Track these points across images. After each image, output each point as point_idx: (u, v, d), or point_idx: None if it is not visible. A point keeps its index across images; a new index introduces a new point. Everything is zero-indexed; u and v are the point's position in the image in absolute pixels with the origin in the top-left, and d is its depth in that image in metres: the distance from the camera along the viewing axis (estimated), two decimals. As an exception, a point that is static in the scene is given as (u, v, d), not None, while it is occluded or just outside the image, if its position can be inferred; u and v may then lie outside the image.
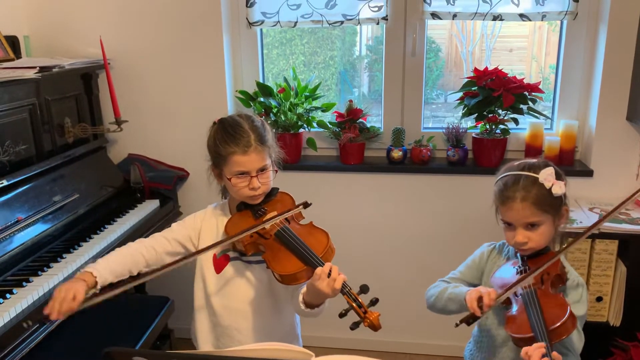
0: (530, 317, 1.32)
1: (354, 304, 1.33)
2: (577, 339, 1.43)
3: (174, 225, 1.67)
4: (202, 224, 1.65)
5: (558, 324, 1.28)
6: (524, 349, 1.25)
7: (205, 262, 1.63)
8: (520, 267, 1.49)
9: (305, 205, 1.53)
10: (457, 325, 1.38)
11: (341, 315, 1.33)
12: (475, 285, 1.64)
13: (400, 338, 2.81)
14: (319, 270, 1.36)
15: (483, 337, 1.62)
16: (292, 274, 1.41)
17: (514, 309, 1.41)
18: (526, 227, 1.47)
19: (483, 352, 1.63)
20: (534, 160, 1.53)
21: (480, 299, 1.38)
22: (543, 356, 1.21)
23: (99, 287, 1.44)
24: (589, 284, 2.24)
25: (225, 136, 1.52)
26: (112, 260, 1.51)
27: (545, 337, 1.25)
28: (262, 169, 1.53)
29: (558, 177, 1.47)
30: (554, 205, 1.47)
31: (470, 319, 1.38)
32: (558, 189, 1.45)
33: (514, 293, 1.42)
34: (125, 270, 1.52)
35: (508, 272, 1.51)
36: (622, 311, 2.23)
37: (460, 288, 1.54)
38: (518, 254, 1.54)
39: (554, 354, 1.22)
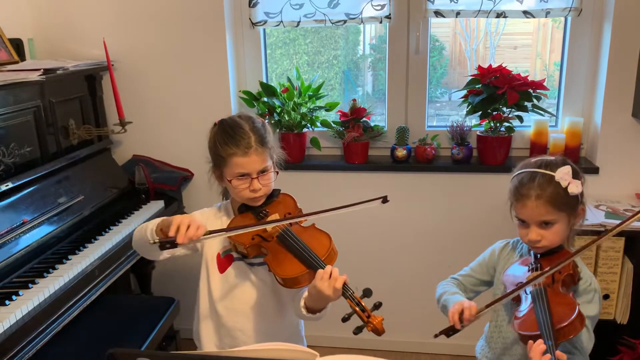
0: (537, 316, 1.32)
1: (357, 308, 1.32)
2: (586, 339, 1.41)
3: None
4: (207, 222, 1.65)
5: (565, 323, 1.27)
6: (528, 346, 1.25)
7: (210, 262, 1.63)
8: (532, 265, 1.48)
9: (384, 200, 1.47)
10: (435, 336, 1.42)
11: (344, 320, 1.32)
12: (487, 282, 1.66)
13: (407, 337, 2.81)
14: (320, 272, 1.36)
15: (494, 334, 1.62)
16: (294, 277, 1.40)
17: (523, 306, 1.40)
18: (540, 225, 1.45)
19: (494, 348, 1.62)
20: (552, 157, 1.51)
21: (462, 313, 1.42)
22: (544, 353, 1.21)
23: None
24: (596, 281, 2.23)
25: (226, 137, 1.51)
26: None
27: (551, 336, 1.24)
28: (263, 171, 1.52)
29: (575, 175, 1.45)
30: (570, 204, 1.45)
31: (450, 331, 1.42)
32: (574, 188, 1.42)
33: (524, 291, 1.41)
34: None
35: (520, 269, 1.50)
36: (629, 309, 2.22)
37: (453, 296, 1.56)
38: (531, 252, 1.52)
39: (558, 352, 1.21)
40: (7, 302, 1.63)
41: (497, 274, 1.62)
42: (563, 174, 1.43)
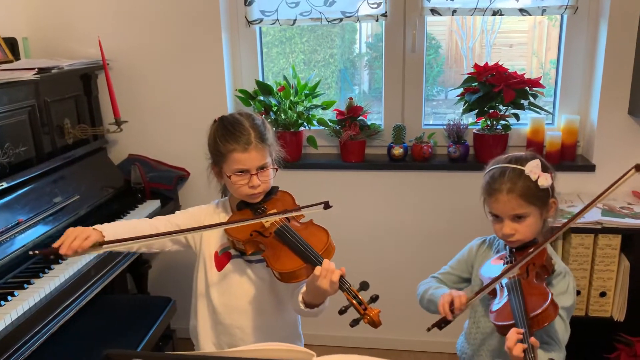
0: (512, 305, 1.35)
1: (354, 301, 1.33)
2: (562, 330, 1.44)
3: (177, 212, 1.69)
4: (204, 219, 1.65)
5: (538, 311, 1.30)
6: (507, 335, 1.28)
7: (207, 259, 1.63)
8: (507, 259, 1.51)
9: (326, 206, 1.49)
10: (428, 329, 1.43)
11: (341, 312, 1.33)
12: (467, 279, 1.68)
13: (403, 335, 2.81)
14: (318, 267, 1.36)
15: (472, 330, 1.64)
16: (291, 272, 1.41)
17: (499, 298, 1.43)
18: (513, 219, 1.48)
19: (472, 344, 1.64)
20: (522, 153, 1.55)
21: (452, 303, 1.43)
22: (519, 341, 1.23)
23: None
24: (593, 279, 2.23)
25: (226, 134, 1.52)
26: (118, 225, 1.57)
27: (524, 324, 1.27)
28: (262, 167, 1.53)
29: (544, 169, 1.49)
30: (541, 198, 1.48)
31: (442, 323, 1.44)
32: (544, 181, 1.46)
33: (500, 283, 1.44)
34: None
35: (496, 265, 1.53)
36: (625, 306, 2.22)
37: (440, 290, 1.58)
38: (507, 247, 1.55)
39: (532, 339, 1.23)
40: (2, 302, 1.62)
41: (474, 270, 1.65)
42: (532, 168, 1.47)
